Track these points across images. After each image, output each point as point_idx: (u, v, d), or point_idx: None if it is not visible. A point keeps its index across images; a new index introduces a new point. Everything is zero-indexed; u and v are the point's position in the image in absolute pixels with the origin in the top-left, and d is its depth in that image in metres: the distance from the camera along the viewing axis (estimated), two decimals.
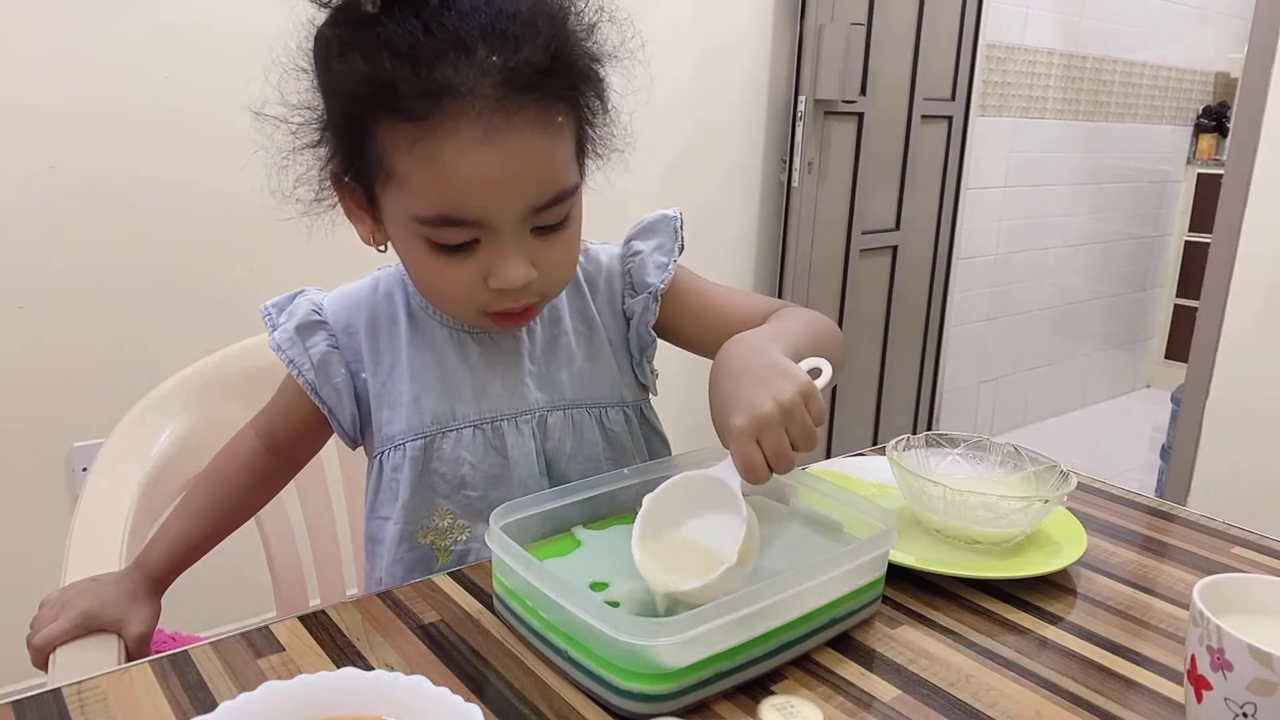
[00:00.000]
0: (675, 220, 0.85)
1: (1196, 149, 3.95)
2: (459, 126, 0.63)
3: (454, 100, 0.62)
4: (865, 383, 2.78)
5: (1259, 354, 1.89)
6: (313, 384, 0.79)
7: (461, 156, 0.63)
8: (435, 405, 0.79)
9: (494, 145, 0.63)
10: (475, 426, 0.79)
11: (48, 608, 0.75)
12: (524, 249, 0.69)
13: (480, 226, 0.67)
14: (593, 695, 0.59)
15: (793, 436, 0.63)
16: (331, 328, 0.80)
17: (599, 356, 0.84)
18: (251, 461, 0.86)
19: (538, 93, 0.64)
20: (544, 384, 0.81)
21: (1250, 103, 1.84)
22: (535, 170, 0.66)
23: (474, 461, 0.79)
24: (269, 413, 0.86)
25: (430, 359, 0.79)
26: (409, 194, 0.66)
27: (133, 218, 1.59)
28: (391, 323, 0.80)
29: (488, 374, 0.80)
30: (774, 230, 2.51)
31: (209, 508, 0.85)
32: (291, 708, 0.49)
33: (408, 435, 0.79)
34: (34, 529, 1.59)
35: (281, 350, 0.79)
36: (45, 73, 1.48)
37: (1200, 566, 0.80)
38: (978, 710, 0.59)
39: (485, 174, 0.64)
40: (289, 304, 0.81)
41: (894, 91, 2.59)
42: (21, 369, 1.55)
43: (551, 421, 0.81)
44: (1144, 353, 4.20)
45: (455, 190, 0.65)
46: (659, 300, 0.83)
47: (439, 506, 0.80)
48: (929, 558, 0.77)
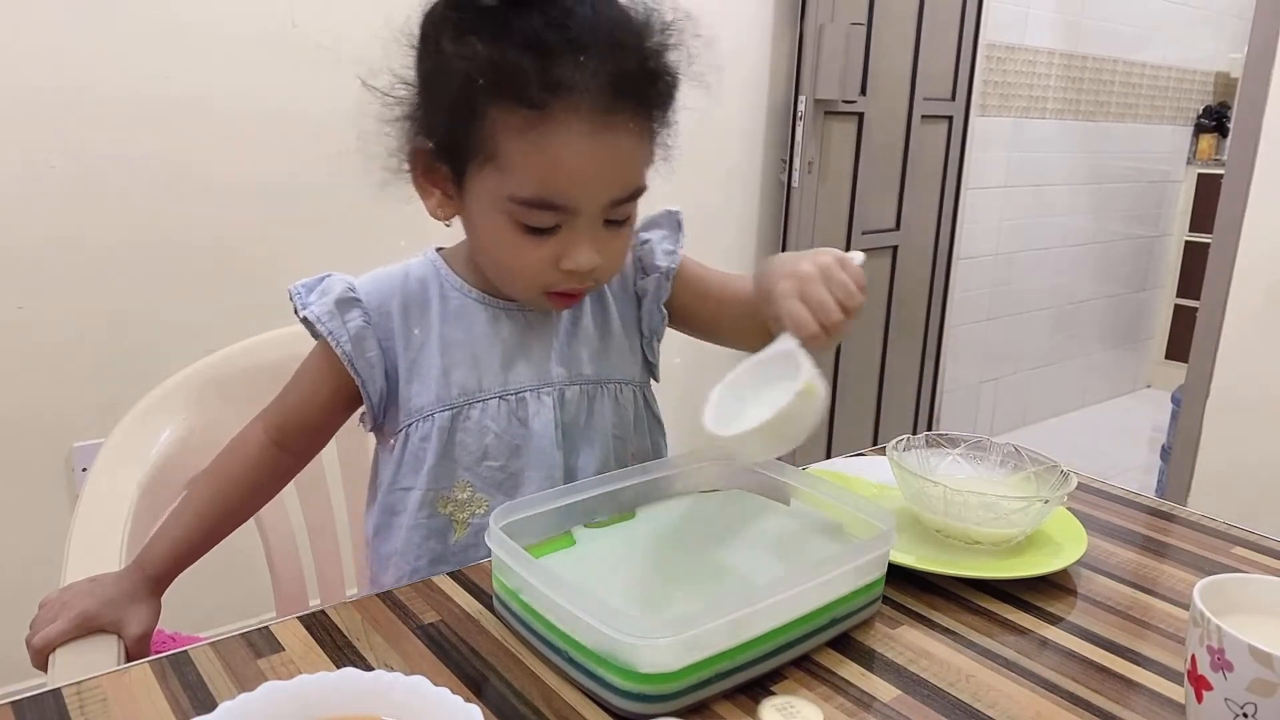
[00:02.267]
0: (678, 215, 0.92)
1: (1196, 149, 3.95)
2: (570, 120, 0.69)
3: (568, 95, 0.68)
4: (865, 383, 2.78)
5: (1259, 354, 1.89)
6: (350, 356, 0.81)
7: (567, 148, 0.70)
8: (463, 378, 0.82)
9: (597, 142, 0.70)
10: (500, 398, 0.83)
11: (47, 608, 0.75)
12: (596, 238, 0.75)
13: (566, 212, 0.73)
14: (593, 695, 0.59)
15: (835, 295, 0.69)
16: (365, 305, 0.83)
17: (612, 336, 0.88)
18: (258, 457, 0.86)
19: (636, 99, 0.72)
20: (565, 360, 0.85)
21: (1250, 103, 1.84)
22: (624, 168, 0.74)
23: (498, 431, 0.82)
24: (280, 406, 0.87)
25: (461, 335, 0.83)
26: (509, 175, 0.72)
27: (133, 218, 1.59)
28: (423, 303, 0.84)
29: (517, 349, 0.84)
30: (774, 230, 2.51)
31: (213, 505, 0.85)
32: (291, 708, 0.49)
33: (436, 407, 0.82)
34: (34, 529, 1.59)
35: (321, 322, 0.81)
36: (44, 73, 1.48)
37: (1200, 566, 0.80)
38: (978, 710, 0.59)
39: (585, 166, 0.71)
40: (317, 284, 0.84)
41: (894, 91, 2.59)
42: (21, 369, 1.55)
43: (569, 395, 0.85)
44: (1144, 353, 4.20)
45: (555, 177, 0.71)
46: (670, 280, 0.89)
47: (460, 479, 0.83)
48: (929, 558, 0.77)
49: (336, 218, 1.76)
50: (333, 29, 1.71)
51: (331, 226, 1.76)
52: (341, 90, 1.77)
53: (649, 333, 0.91)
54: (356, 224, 1.76)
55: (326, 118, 1.74)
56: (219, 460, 0.87)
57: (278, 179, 1.71)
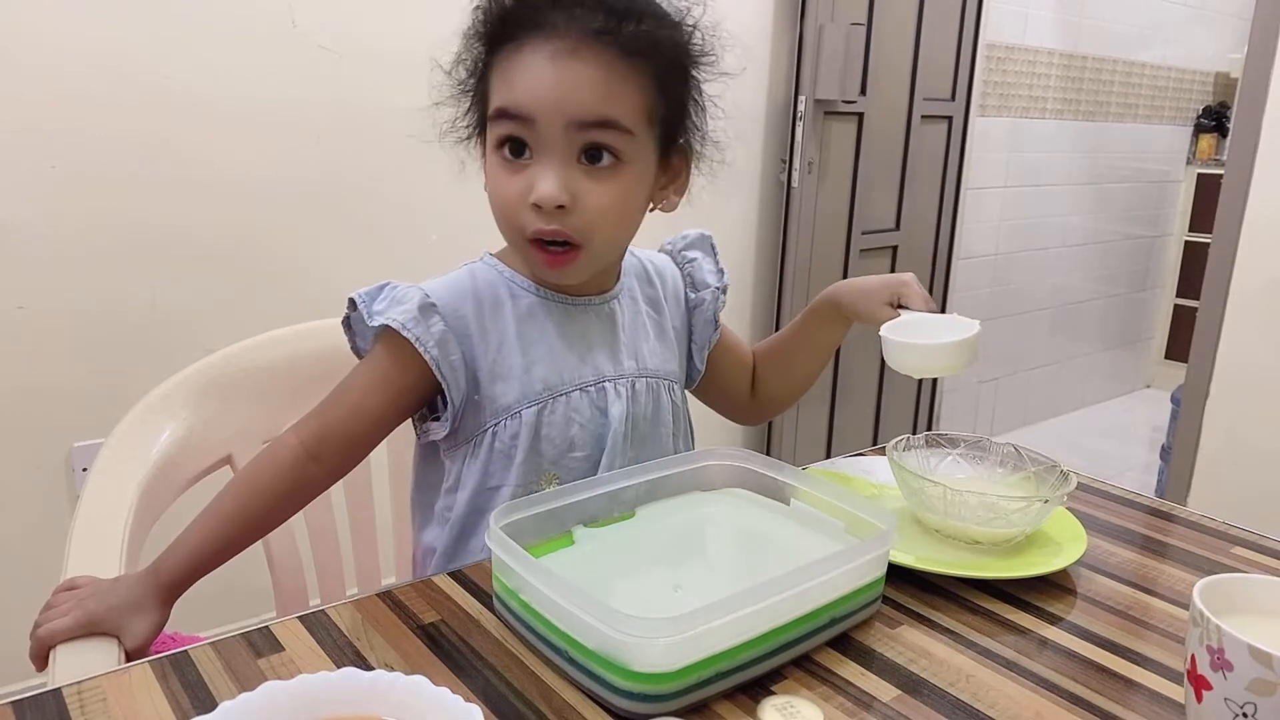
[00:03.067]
0: (710, 239, 1.00)
1: (1196, 149, 3.95)
2: (540, 45, 0.76)
3: (542, 34, 0.76)
4: (865, 383, 2.78)
5: (1259, 354, 1.89)
6: (436, 360, 0.82)
7: (528, 68, 0.76)
8: (545, 373, 0.85)
9: (556, 64, 0.76)
10: (581, 389, 0.86)
11: (61, 600, 0.76)
12: (566, 174, 0.77)
13: (528, 124, 0.76)
14: (593, 695, 0.59)
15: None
16: (442, 311, 0.83)
17: (665, 337, 0.94)
18: (291, 469, 0.84)
19: (614, 44, 0.76)
20: (633, 354, 0.90)
21: (1250, 103, 1.84)
22: (583, 90, 0.76)
23: (582, 422, 0.85)
24: (321, 418, 0.85)
25: (537, 332, 0.85)
26: (491, 105, 0.79)
27: (133, 218, 1.59)
28: (496, 304, 0.85)
29: (590, 342, 0.87)
30: (774, 230, 2.51)
31: (238, 514, 0.83)
32: (291, 708, 0.49)
33: (522, 403, 0.84)
34: (34, 529, 1.59)
35: (406, 329, 0.81)
36: (44, 73, 1.48)
37: (1200, 566, 0.80)
38: (978, 710, 0.59)
39: (541, 78, 0.76)
40: (379, 293, 0.84)
41: (894, 91, 2.59)
42: (21, 369, 1.55)
43: (639, 387, 0.89)
44: (1144, 353, 4.20)
45: (514, 91, 0.77)
46: (725, 294, 0.98)
47: (547, 472, 0.85)
48: (929, 558, 0.77)
49: (338, 218, 1.76)
50: (333, 28, 1.71)
51: (333, 226, 1.76)
52: (343, 88, 1.78)
53: (702, 341, 0.98)
54: (358, 224, 1.76)
55: (330, 115, 1.74)
56: (246, 468, 0.86)
57: (279, 179, 1.71)
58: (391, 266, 1.71)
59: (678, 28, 0.81)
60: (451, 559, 0.88)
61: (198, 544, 0.81)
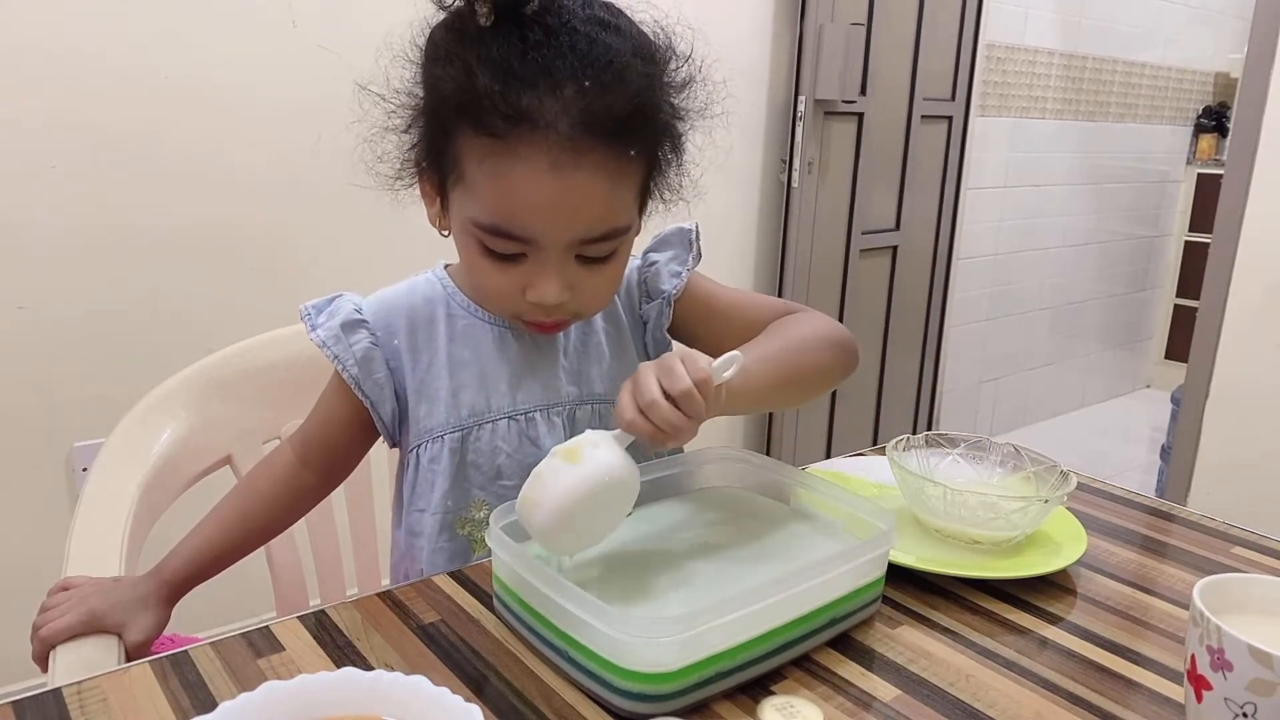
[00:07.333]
0: (691, 232, 0.89)
1: (1196, 149, 3.95)
2: (531, 153, 0.67)
3: (531, 129, 0.66)
4: (865, 383, 2.78)
5: (1259, 354, 1.89)
6: (356, 379, 0.82)
7: (525, 182, 0.68)
8: (472, 399, 0.82)
9: (557, 178, 0.67)
10: (510, 418, 0.82)
11: (62, 599, 0.76)
12: (564, 272, 0.73)
13: (529, 244, 0.71)
14: (593, 695, 0.59)
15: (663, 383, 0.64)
16: (372, 327, 0.83)
17: (625, 356, 0.87)
18: (286, 477, 0.87)
19: (611, 138, 0.68)
20: (576, 379, 0.85)
21: (1250, 103, 1.84)
22: (590, 207, 0.70)
23: (509, 451, 0.82)
24: (305, 426, 0.88)
25: (469, 355, 0.83)
26: (473, 199, 0.71)
27: (134, 218, 1.59)
28: (430, 323, 0.84)
29: (524, 368, 0.83)
30: (774, 230, 2.51)
31: (240, 520, 0.85)
32: (291, 708, 0.50)
33: (446, 428, 0.82)
34: (34, 529, 1.59)
35: (326, 347, 0.81)
36: (44, 73, 1.48)
37: (1200, 566, 0.80)
38: (978, 710, 0.59)
39: (543, 202, 0.68)
40: (327, 306, 0.84)
41: (894, 91, 2.59)
42: (21, 369, 1.55)
43: (580, 415, 0.84)
44: (1144, 353, 4.20)
45: (513, 209, 0.69)
46: (671, 305, 0.87)
47: (475, 498, 0.83)
48: (929, 558, 0.77)
49: (340, 218, 1.76)
50: (333, 27, 1.71)
51: (335, 227, 1.76)
52: (345, 89, 1.77)
53: (656, 356, 0.87)
54: (359, 224, 1.76)
55: (333, 117, 1.74)
56: (248, 475, 0.89)
57: (281, 179, 1.71)
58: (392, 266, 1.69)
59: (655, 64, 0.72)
60: (401, 573, 0.88)
61: (200, 547, 0.83)
